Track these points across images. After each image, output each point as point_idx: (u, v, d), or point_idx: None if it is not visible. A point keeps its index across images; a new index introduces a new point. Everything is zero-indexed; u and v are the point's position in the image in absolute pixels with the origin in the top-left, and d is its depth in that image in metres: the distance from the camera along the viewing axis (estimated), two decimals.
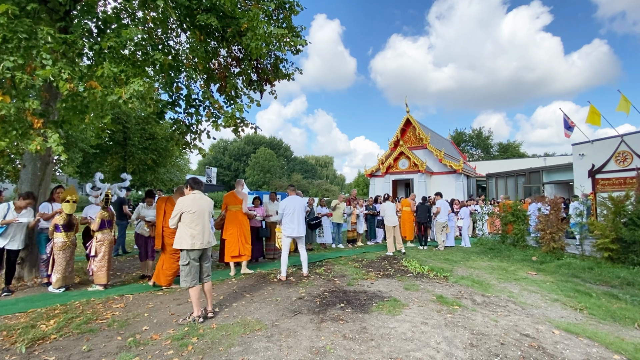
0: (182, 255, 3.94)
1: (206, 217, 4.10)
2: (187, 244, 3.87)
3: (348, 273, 6.20)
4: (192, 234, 3.90)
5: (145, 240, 5.59)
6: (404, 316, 3.96)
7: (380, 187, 22.19)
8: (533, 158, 32.93)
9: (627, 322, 3.86)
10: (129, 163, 20.08)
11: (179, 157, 26.58)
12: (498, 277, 6.06)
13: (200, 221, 4.00)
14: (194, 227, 3.94)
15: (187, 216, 3.93)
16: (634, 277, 5.71)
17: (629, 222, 6.53)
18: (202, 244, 3.95)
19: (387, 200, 9.24)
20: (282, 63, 6.76)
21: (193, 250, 3.90)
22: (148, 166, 20.57)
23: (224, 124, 4.62)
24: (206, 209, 4.12)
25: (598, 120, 12.42)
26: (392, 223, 8.56)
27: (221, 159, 59.62)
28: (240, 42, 4.50)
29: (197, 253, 3.94)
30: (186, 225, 3.92)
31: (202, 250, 4.00)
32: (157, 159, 20.41)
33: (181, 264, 3.92)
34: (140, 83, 3.60)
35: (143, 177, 21.65)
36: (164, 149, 20.11)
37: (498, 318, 3.93)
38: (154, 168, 21.08)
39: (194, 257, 3.92)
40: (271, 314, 4.05)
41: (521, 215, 9.21)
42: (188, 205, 3.96)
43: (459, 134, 45.31)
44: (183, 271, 3.89)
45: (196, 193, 4.15)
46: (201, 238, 3.95)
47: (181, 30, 4.73)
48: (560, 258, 7.44)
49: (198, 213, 3.99)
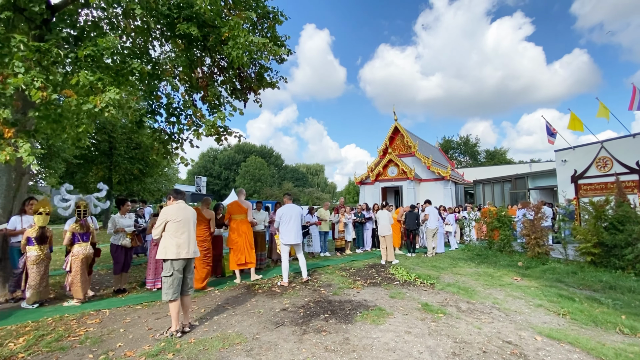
0: (165, 266, 3.85)
1: (191, 226, 4.05)
2: (172, 253, 3.79)
3: (334, 282, 6.13)
4: (177, 243, 3.84)
5: (126, 252, 5.43)
6: (387, 325, 3.90)
7: (370, 195, 22.23)
8: (519, 164, 33.59)
9: (609, 327, 3.88)
10: (114, 173, 19.70)
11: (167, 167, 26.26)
12: (484, 283, 6.06)
13: (186, 230, 3.95)
14: (180, 236, 3.87)
15: (173, 225, 3.87)
16: (616, 281, 5.79)
17: (609, 227, 6.65)
18: (187, 254, 3.88)
19: (384, 209, 9.17)
20: (267, 72, 6.79)
21: (178, 260, 3.82)
22: (134, 176, 20.20)
23: (205, 133, 4.57)
24: (191, 218, 4.07)
25: (580, 126, 12.77)
26: (382, 232, 8.53)
27: (211, 168, 59.03)
28: (222, 51, 4.48)
29: (182, 263, 3.86)
30: (171, 235, 3.85)
31: (187, 260, 3.92)
32: (144, 169, 20.07)
33: (164, 276, 3.82)
34: (116, 91, 3.53)
35: (129, 187, 21.24)
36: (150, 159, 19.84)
37: (482, 325, 3.91)
38: (140, 178, 20.71)
39: (179, 267, 3.83)
40: (253, 326, 3.95)
41: (506, 221, 9.30)
42: (173, 214, 3.91)
43: (447, 142, 46.00)
44: (165, 283, 3.79)
45: (180, 202, 4.10)
46: (187, 247, 3.89)
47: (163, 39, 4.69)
48: (545, 263, 7.52)
49: (184, 222, 3.94)
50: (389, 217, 8.77)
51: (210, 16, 4.37)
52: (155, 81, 4.16)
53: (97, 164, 18.61)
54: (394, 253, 8.57)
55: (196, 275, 5.59)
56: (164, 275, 3.82)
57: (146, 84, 4.14)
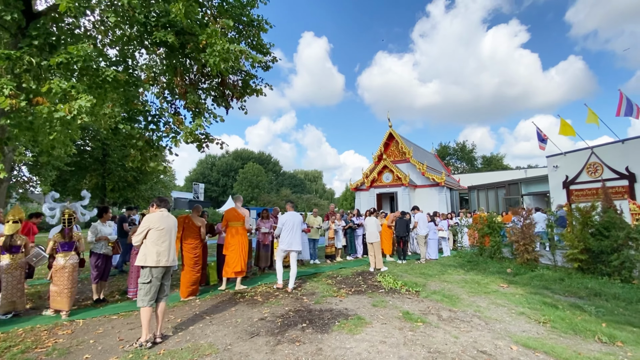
0: (143, 272, 3.82)
1: (172, 235, 4.07)
2: (152, 260, 3.79)
3: (318, 290, 6.05)
4: (158, 250, 3.84)
5: (106, 261, 5.36)
6: (363, 335, 3.84)
7: (365, 201, 22.19)
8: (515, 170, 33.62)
9: (588, 335, 3.83)
10: (108, 180, 19.63)
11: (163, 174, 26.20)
12: (469, 290, 6.00)
13: (167, 238, 3.97)
14: (161, 244, 3.88)
15: (155, 233, 3.88)
16: (602, 288, 5.74)
17: (596, 233, 6.61)
18: (167, 261, 3.88)
19: (371, 215, 9.11)
20: (253, 79, 6.82)
21: (158, 267, 3.81)
22: (128, 183, 20.12)
23: (183, 140, 4.55)
24: (172, 227, 4.10)
25: (571, 131, 12.81)
26: (370, 239, 8.48)
27: (209, 175, 58.94)
28: (200, 58, 4.48)
29: (161, 271, 3.85)
30: (152, 242, 3.85)
31: (166, 268, 3.89)
32: (138, 176, 20.00)
33: (141, 282, 3.80)
34: (87, 99, 3.52)
35: (123, 194, 21.15)
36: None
37: (459, 334, 3.84)
38: (134, 185, 20.64)
39: (157, 275, 3.82)
40: (227, 336, 3.88)
41: (497, 227, 9.26)
42: (156, 222, 3.93)
43: (444, 148, 46.12)
44: (142, 289, 3.76)
45: (163, 211, 4.10)
46: (167, 255, 3.89)
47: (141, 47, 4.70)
48: (534, 269, 7.46)
49: (166, 230, 3.96)
50: (376, 224, 8.73)
51: (188, 24, 4.39)
52: (131, 88, 4.16)
53: (91, 171, 18.56)
54: (382, 260, 8.51)
55: (185, 281, 5.62)
56: (141, 281, 3.79)
57: (122, 91, 4.13)
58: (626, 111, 9.99)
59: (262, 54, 6.91)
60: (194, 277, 5.69)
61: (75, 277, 4.66)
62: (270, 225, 8.08)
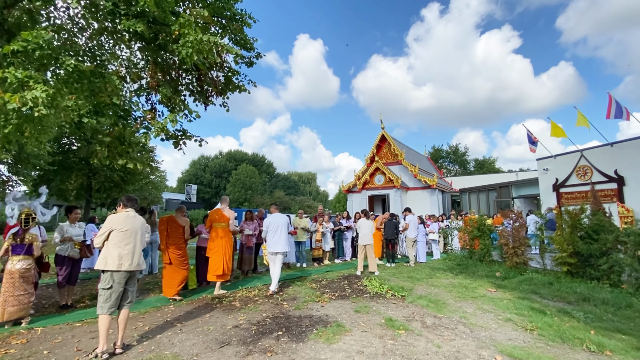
0: (104, 277, 3.55)
1: (138, 237, 3.78)
2: (113, 264, 3.52)
3: (301, 295, 5.81)
4: (120, 253, 3.57)
5: (73, 264, 5.05)
6: (341, 344, 3.61)
7: (357, 203, 22.00)
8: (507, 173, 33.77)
9: (576, 343, 3.65)
10: (94, 180, 19.13)
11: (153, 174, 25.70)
12: (456, 295, 5.80)
13: (132, 241, 3.69)
14: (124, 246, 3.61)
15: (117, 235, 3.62)
16: (591, 292, 5.59)
17: (585, 236, 6.48)
18: (130, 266, 3.60)
19: (363, 217, 8.87)
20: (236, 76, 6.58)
21: (119, 271, 3.54)
22: (115, 183, 19.63)
23: (154, 136, 4.29)
24: (139, 229, 3.81)
25: (562, 133, 12.75)
26: (363, 242, 8.23)
27: (202, 176, 58.28)
28: (174, 50, 4.23)
29: (124, 276, 3.57)
30: (114, 245, 3.59)
31: (130, 273, 3.61)
32: (125, 176, 19.54)
33: (101, 287, 3.53)
34: (42, 89, 3.25)
35: (110, 194, 20.64)
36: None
37: (442, 343, 3.63)
38: (121, 186, 20.15)
39: (119, 280, 3.54)
40: (195, 346, 3.62)
41: (486, 230, 9.11)
42: (119, 223, 3.67)
43: (437, 151, 46.24)
44: (102, 296, 3.50)
45: (129, 211, 3.85)
46: (130, 259, 3.61)
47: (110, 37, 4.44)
48: (523, 273, 7.31)
49: (130, 232, 3.69)
50: (370, 225, 8.49)
51: (160, 14, 4.15)
52: (97, 80, 3.89)
53: (76, 170, 18.05)
54: (364, 264, 8.27)
55: (169, 282, 5.50)
56: (101, 287, 3.52)
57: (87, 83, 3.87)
58: (615, 114, 9.96)
59: (246, 49, 6.68)
60: (181, 277, 5.61)
61: (26, 283, 4.30)
62: (254, 227, 7.83)
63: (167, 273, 5.57)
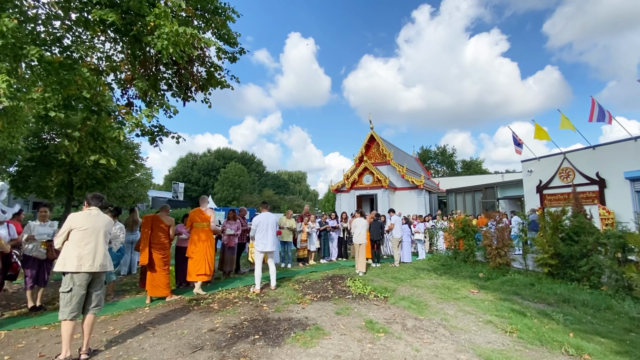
0: (64, 280, 3.36)
1: (101, 236, 3.57)
2: (72, 265, 3.32)
3: (282, 297, 5.69)
4: (80, 254, 3.37)
5: (40, 264, 4.81)
6: (318, 348, 3.51)
7: (346, 203, 21.98)
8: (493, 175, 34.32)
9: (554, 346, 3.64)
10: (75, 177, 18.50)
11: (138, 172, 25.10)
12: (439, 296, 5.78)
13: (93, 240, 3.48)
14: (84, 246, 3.41)
15: (77, 234, 3.42)
16: (571, 294, 5.64)
17: (566, 237, 6.55)
18: (91, 267, 3.39)
19: (359, 216, 8.76)
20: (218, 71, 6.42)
21: (79, 273, 3.34)
22: (97, 180, 19.02)
23: (128, 131, 4.10)
24: (102, 228, 3.59)
25: (545, 135, 12.96)
26: (357, 241, 8.16)
27: (189, 174, 57.43)
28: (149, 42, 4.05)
29: (85, 278, 3.37)
30: (74, 244, 3.39)
31: (92, 274, 3.42)
32: (108, 173, 18.97)
33: (61, 291, 3.33)
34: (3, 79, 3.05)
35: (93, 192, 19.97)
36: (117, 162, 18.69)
37: (421, 347, 3.57)
38: (104, 183, 19.57)
39: (80, 282, 3.34)
40: (166, 351, 3.46)
41: (471, 230, 9.16)
42: (79, 222, 3.47)
43: (425, 151, 46.67)
44: (63, 299, 3.30)
45: (92, 209, 3.64)
46: (91, 259, 3.40)
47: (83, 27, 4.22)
48: (506, 274, 7.35)
49: (90, 231, 3.48)
50: (365, 225, 8.42)
51: (134, 3, 3.96)
52: (66, 72, 3.69)
53: (56, 167, 17.43)
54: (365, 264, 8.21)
55: (159, 282, 5.45)
56: (61, 290, 3.34)
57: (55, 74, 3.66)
58: (598, 117, 10.15)
59: (229, 44, 6.52)
60: (165, 278, 5.53)
61: None
62: (237, 227, 7.67)
63: (151, 273, 5.44)
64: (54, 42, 3.86)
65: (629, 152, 10.10)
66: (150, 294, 5.40)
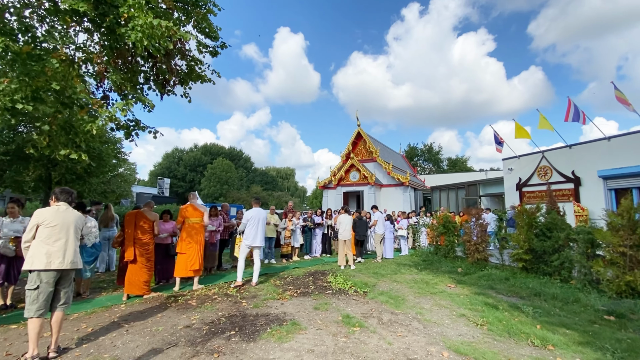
0: (30, 277, 3.27)
1: (71, 232, 3.48)
2: (40, 263, 3.23)
3: (262, 293, 5.70)
4: (48, 251, 3.28)
5: (9, 261, 4.67)
6: (292, 343, 3.54)
7: (332, 199, 22.07)
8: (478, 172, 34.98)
9: (522, 338, 3.77)
10: (53, 172, 17.93)
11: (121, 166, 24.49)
12: (416, 291, 5.90)
13: (62, 237, 3.39)
14: (52, 243, 3.32)
15: (45, 230, 3.33)
16: (542, 288, 5.84)
17: (539, 233, 6.77)
18: (61, 264, 3.31)
19: (345, 213, 8.85)
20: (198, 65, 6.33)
21: (48, 271, 3.25)
22: (78, 175, 18.49)
23: (101, 125, 4.00)
24: (71, 224, 3.50)
25: (526, 134, 13.29)
26: (343, 237, 8.31)
27: (175, 170, 56.43)
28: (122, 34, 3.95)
29: (53, 275, 3.29)
30: (42, 241, 3.30)
31: (60, 272, 3.34)
32: (89, 168, 18.44)
33: (28, 288, 3.24)
34: None
35: (72, 187, 19.41)
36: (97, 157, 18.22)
37: (394, 340, 3.65)
38: (85, 178, 19.03)
39: (48, 279, 3.26)
40: (139, 348, 3.43)
41: (451, 227, 9.35)
42: (46, 218, 3.37)
43: (412, 149, 47.18)
44: (29, 297, 3.22)
45: (61, 205, 3.54)
46: (61, 256, 3.33)
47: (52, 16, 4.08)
48: (483, 269, 7.55)
49: (60, 227, 3.39)
50: (350, 221, 8.54)
51: None
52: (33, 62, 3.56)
53: (33, 161, 16.86)
54: (345, 259, 8.32)
55: (138, 280, 5.36)
56: (27, 287, 3.25)
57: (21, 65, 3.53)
58: (573, 117, 10.49)
59: (210, 38, 6.43)
60: (147, 275, 5.51)
61: None
62: (219, 223, 7.61)
63: (131, 270, 5.37)
64: (22, 31, 3.73)
65: (602, 151, 10.48)
66: (127, 292, 5.33)
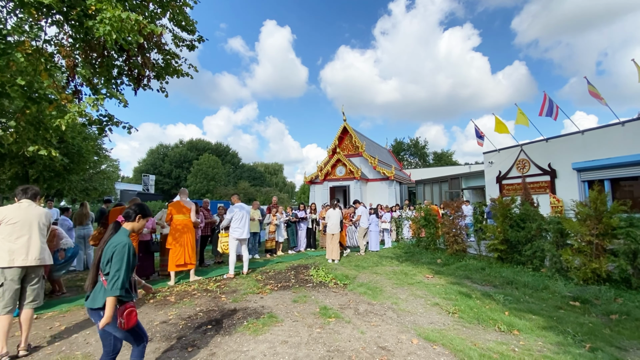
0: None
1: (35, 229, 3.44)
2: (3, 261, 3.22)
3: (242, 287, 5.73)
4: (10, 248, 3.27)
5: None
6: (267, 335, 3.60)
7: (319, 194, 22.16)
8: (462, 166, 35.67)
9: (490, 324, 3.93)
10: (31, 169, 17.36)
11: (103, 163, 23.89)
12: (395, 282, 6.03)
13: (25, 234, 3.38)
14: (14, 240, 3.31)
15: (6, 228, 3.31)
16: (515, 276, 6.06)
17: (514, 224, 7.00)
18: (25, 260, 3.30)
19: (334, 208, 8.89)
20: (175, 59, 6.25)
21: (11, 268, 3.23)
22: (56, 172, 17.94)
23: (70, 120, 3.92)
24: (34, 220, 3.47)
25: (505, 129, 13.59)
26: (330, 231, 8.38)
27: (160, 166, 55.43)
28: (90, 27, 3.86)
29: (17, 272, 3.27)
30: (3, 239, 3.29)
31: (25, 268, 3.31)
32: (68, 165, 17.92)
33: None
34: None
35: (51, 185, 18.87)
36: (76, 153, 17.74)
37: (367, 329, 3.75)
38: (64, 175, 18.49)
39: (12, 277, 3.25)
40: None
41: (432, 219, 9.55)
42: (7, 215, 3.35)
43: (399, 143, 47.67)
44: None
45: (23, 202, 3.50)
46: (24, 253, 3.31)
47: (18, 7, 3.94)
48: (462, 260, 7.77)
49: (21, 224, 3.37)
50: (338, 216, 8.61)
51: None
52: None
53: (9, 158, 16.29)
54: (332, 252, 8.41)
55: None
56: None
57: None
58: (547, 112, 10.80)
59: (187, 32, 6.34)
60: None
61: None
62: (200, 220, 7.57)
63: None
64: None
65: (577, 144, 10.84)
66: None
